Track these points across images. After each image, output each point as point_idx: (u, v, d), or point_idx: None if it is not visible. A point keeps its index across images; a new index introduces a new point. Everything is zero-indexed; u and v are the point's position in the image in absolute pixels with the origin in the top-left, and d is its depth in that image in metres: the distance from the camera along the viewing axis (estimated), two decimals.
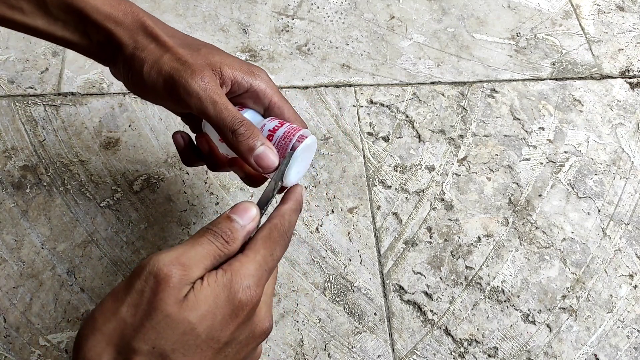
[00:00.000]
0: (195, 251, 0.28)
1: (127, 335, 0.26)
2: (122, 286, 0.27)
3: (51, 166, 0.51)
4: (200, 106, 0.33)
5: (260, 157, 0.34)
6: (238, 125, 0.33)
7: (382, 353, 0.44)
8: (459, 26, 0.63)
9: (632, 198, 0.52)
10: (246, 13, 0.62)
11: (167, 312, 0.26)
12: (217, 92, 0.34)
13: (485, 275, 0.48)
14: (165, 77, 0.34)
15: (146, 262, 0.27)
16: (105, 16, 0.34)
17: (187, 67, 0.33)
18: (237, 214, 0.31)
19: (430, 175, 0.52)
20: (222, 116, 0.33)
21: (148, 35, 0.34)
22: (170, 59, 0.34)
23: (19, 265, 0.46)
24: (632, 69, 0.61)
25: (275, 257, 0.31)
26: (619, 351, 0.45)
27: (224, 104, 0.33)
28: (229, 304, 0.27)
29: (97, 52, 0.36)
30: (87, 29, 0.35)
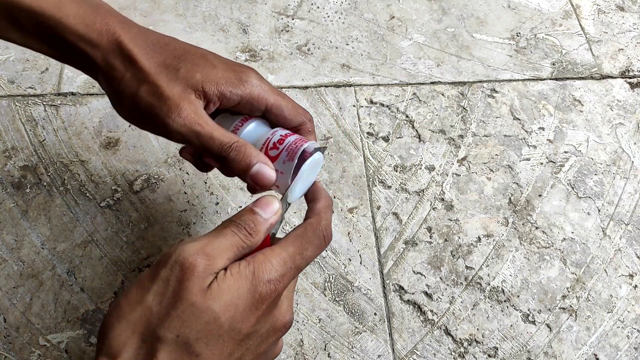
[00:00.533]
0: (220, 242, 0.28)
1: (152, 323, 0.26)
2: (148, 274, 0.27)
3: (51, 166, 0.51)
4: (184, 139, 0.32)
5: (256, 176, 0.33)
6: (226, 152, 0.32)
7: (382, 353, 0.44)
8: (459, 26, 0.63)
9: (632, 198, 0.52)
10: (246, 13, 0.62)
11: (191, 300, 0.26)
12: (198, 122, 0.32)
13: (485, 275, 0.48)
14: (144, 113, 0.32)
15: (172, 251, 0.27)
16: (78, 37, 0.32)
17: (163, 103, 0.32)
18: (260, 207, 0.31)
19: (430, 175, 0.52)
20: (208, 146, 0.32)
21: (125, 59, 0.32)
22: (146, 93, 0.32)
23: (19, 265, 0.46)
24: (632, 69, 0.61)
25: (306, 256, 0.31)
26: (619, 351, 0.45)
27: (207, 133, 0.32)
28: (250, 295, 0.28)
29: (78, 67, 0.35)
30: (60, 48, 0.34)
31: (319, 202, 0.34)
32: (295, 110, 0.36)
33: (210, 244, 0.28)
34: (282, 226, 0.34)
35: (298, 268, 0.30)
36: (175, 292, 0.26)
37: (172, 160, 0.52)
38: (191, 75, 0.33)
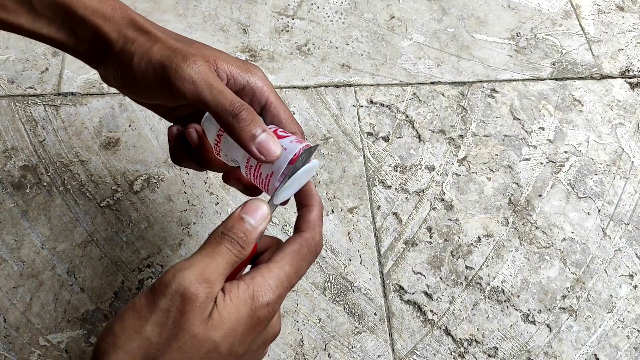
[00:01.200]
0: (217, 263, 0.28)
1: (151, 354, 0.25)
2: (145, 303, 0.26)
3: (51, 166, 0.51)
4: (195, 91, 0.31)
5: (263, 144, 0.31)
6: (239, 109, 0.31)
7: (382, 353, 0.44)
8: (459, 26, 0.63)
9: (632, 198, 0.52)
10: (246, 13, 0.62)
11: (193, 332, 0.26)
12: (212, 76, 0.31)
13: (485, 275, 0.48)
14: (155, 66, 0.31)
15: (170, 278, 0.26)
16: (92, 11, 0.32)
17: (179, 53, 0.31)
18: (249, 214, 0.30)
19: (430, 175, 0.52)
20: (220, 99, 0.31)
21: (137, 29, 0.33)
22: (160, 48, 0.32)
23: (19, 265, 0.46)
24: (632, 69, 0.61)
25: (301, 274, 0.30)
26: (619, 351, 0.45)
27: (221, 87, 0.31)
28: (249, 320, 0.28)
29: (84, 50, 0.34)
30: (73, 25, 0.33)
31: (313, 211, 0.33)
32: (290, 117, 0.35)
33: (208, 268, 0.27)
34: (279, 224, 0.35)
35: (292, 285, 0.30)
36: (176, 324, 0.26)
37: None
38: (205, 49, 0.33)
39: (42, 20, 0.33)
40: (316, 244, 0.31)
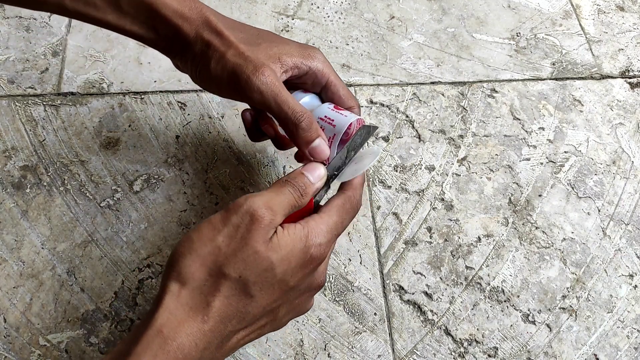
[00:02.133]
0: (280, 199, 0.32)
1: (219, 260, 0.30)
2: (219, 218, 0.31)
3: (51, 166, 0.51)
4: (262, 100, 0.36)
5: (316, 150, 0.37)
6: (300, 120, 0.36)
7: (382, 353, 0.44)
8: (459, 26, 0.63)
9: (632, 198, 0.52)
10: (246, 13, 0.62)
11: (255, 248, 0.30)
12: (278, 86, 0.36)
13: (485, 275, 0.48)
14: (229, 73, 0.36)
15: (242, 201, 0.31)
16: (173, 11, 0.36)
17: (249, 63, 0.36)
18: (309, 171, 0.35)
19: (430, 175, 0.52)
20: (283, 109, 0.36)
21: (212, 31, 0.37)
22: (233, 55, 0.36)
23: (19, 265, 0.46)
24: (632, 69, 0.61)
25: (344, 225, 0.35)
26: (619, 351, 0.45)
27: (284, 97, 0.36)
28: (302, 254, 0.32)
29: (164, 45, 0.39)
30: (155, 23, 0.37)
31: (356, 177, 0.37)
32: (348, 93, 0.41)
33: (273, 200, 0.32)
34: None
35: (338, 235, 0.35)
36: (243, 238, 0.30)
37: (172, 160, 0.52)
38: (270, 48, 0.37)
39: (126, 18, 0.37)
40: (357, 202, 0.36)
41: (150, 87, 0.56)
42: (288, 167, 0.52)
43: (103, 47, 0.58)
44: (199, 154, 0.52)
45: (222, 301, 0.30)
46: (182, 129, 0.54)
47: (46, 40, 0.58)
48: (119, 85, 0.56)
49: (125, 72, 0.57)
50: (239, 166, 0.52)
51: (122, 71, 0.57)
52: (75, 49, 0.58)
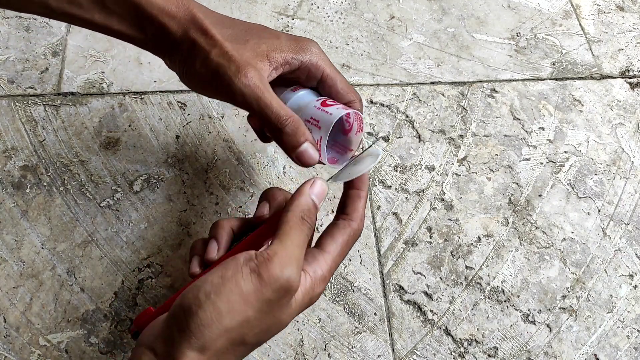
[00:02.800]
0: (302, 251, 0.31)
1: (244, 333, 0.29)
2: (252, 290, 0.29)
3: (51, 166, 0.51)
4: (244, 103, 0.35)
5: (303, 155, 0.36)
6: (284, 125, 0.35)
7: (382, 353, 0.44)
8: (459, 26, 0.63)
9: (632, 198, 0.52)
10: (246, 13, 0.62)
11: (280, 318, 0.30)
12: (261, 88, 0.35)
13: (485, 275, 0.48)
14: (212, 73, 0.35)
15: (278, 273, 0.29)
16: (159, 10, 0.35)
17: (232, 63, 0.34)
18: (317, 197, 0.34)
19: (430, 175, 0.52)
20: (266, 113, 0.35)
21: (198, 29, 0.35)
22: (217, 55, 0.35)
23: (19, 265, 0.46)
24: (632, 69, 0.61)
25: (344, 258, 0.35)
26: (619, 351, 0.45)
27: (267, 100, 0.35)
28: (306, 304, 0.32)
29: (152, 45, 0.37)
30: (142, 22, 0.36)
31: (362, 198, 0.36)
32: (347, 86, 0.39)
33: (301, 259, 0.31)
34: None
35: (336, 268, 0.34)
36: (273, 314, 0.30)
37: (172, 160, 0.52)
38: (258, 45, 0.36)
39: (113, 17, 0.36)
40: (360, 233, 0.36)
41: (150, 87, 0.56)
42: (288, 167, 0.52)
43: (103, 47, 0.58)
44: (199, 154, 0.52)
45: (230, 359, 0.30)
46: (182, 129, 0.54)
47: (46, 40, 0.58)
48: (119, 85, 0.56)
49: (125, 72, 0.57)
50: (239, 166, 0.52)
51: (122, 71, 0.57)
52: (75, 49, 0.58)
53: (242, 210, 0.49)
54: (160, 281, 0.46)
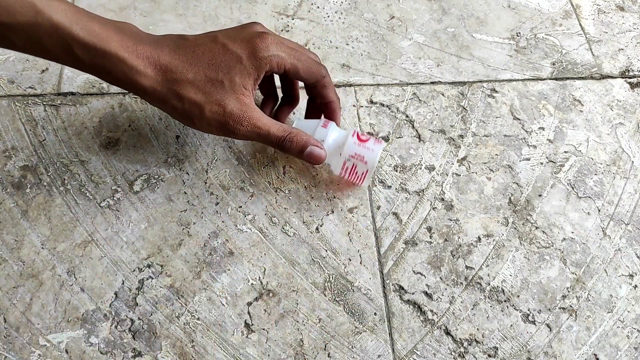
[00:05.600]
0: None
1: None
2: None
3: (51, 166, 0.51)
4: (250, 139, 0.43)
5: (310, 157, 0.44)
6: (282, 144, 0.43)
7: (382, 353, 0.44)
8: (459, 26, 0.63)
9: (632, 198, 0.52)
10: (246, 13, 0.62)
11: None
12: (258, 125, 0.42)
13: (485, 275, 0.48)
14: (216, 127, 0.42)
15: None
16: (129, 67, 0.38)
17: (229, 118, 0.41)
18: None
19: (430, 175, 0.52)
20: (269, 140, 0.43)
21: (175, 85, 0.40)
22: (211, 113, 0.40)
23: (19, 265, 0.46)
24: (632, 69, 0.61)
25: None
26: (619, 351, 0.45)
27: (265, 133, 0.42)
28: None
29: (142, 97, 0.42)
30: (112, 78, 0.40)
31: None
32: (309, 70, 0.44)
33: None
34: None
35: None
36: None
37: (172, 160, 0.52)
38: (233, 82, 0.41)
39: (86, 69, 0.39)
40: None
41: None
42: (288, 167, 0.52)
43: None
44: (199, 154, 0.52)
45: None
46: (182, 129, 0.54)
47: None
48: None
49: None
50: (239, 166, 0.52)
51: None
52: None
53: (242, 211, 0.49)
54: (160, 281, 0.46)
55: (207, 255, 0.47)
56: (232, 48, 0.41)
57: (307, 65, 0.44)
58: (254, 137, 0.42)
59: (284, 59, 0.42)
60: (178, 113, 0.41)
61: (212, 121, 0.41)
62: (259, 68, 0.41)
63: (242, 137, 0.42)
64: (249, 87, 0.41)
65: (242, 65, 0.40)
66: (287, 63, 0.42)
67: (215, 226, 0.48)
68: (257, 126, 0.42)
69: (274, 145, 0.43)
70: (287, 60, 0.42)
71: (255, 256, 0.47)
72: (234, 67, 0.40)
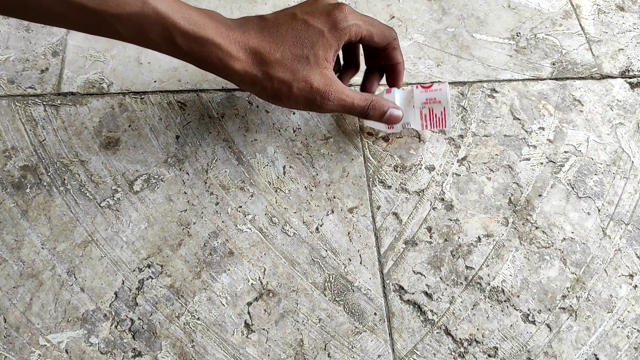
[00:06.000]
0: None
1: None
2: None
3: (51, 166, 0.51)
4: (335, 112, 0.47)
5: (390, 119, 0.48)
6: (366, 112, 0.46)
7: (382, 353, 0.44)
8: (459, 26, 0.63)
9: (632, 198, 0.52)
10: (246, 13, 0.62)
11: None
12: (342, 98, 0.44)
13: (485, 275, 0.48)
14: (303, 104, 0.44)
15: None
16: (224, 53, 0.40)
17: (316, 94, 0.43)
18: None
19: (430, 175, 0.52)
20: (353, 111, 0.46)
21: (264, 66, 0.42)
22: (299, 90, 0.42)
23: (19, 265, 0.46)
24: (632, 69, 0.61)
25: None
26: (619, 351, 0.45)
27: (350, 104, 0.45)
28: None
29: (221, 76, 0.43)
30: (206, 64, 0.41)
31: None
32: (383, 35, 0.46)
33: None
34: None
35: None
36: None
37: (172, 160, 0.52)
38: (317, 56, 0.42)
39: (186, 58, 0.41)
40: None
41: (150, 87, 0.56)
42: (288, 167, 0.52)
43: (103, 47, 0.58)
44: (199, 154, 0.52)
45: None
46: (182, 129, 0.54)
47: (46, 40, 0.58)
48: (119, 85, 0.56)
49: (125, 72, 0.57)
50: (239, 166, 0.52)
51: (122, 71, 0.57)
52: (75, 49, 0.58)
53: (242, 211, 0.49)
54: (160, 281, 0.46)
55: (207, 255, 0.47)
56: (313, 23, 0.42)
57: (381, 29, 0.46)
58: (339, 109, 0.45)
59: (361, 27, 0.44)
60: (267, 93, 0.43)
61: (300, 98, 0.43)
62: (340, 39, 0.43)
63: (327, 111, 0.45)
64: (330, 59, 0.43)
65: (324, 38, 0.42)
66: (364, 30, 0.44)
67: (215, 226, 0.48)
68: (342, 99, 0.44)
69: (357, 114, 0.46)
70: (363, 28, 0.44)
71: (255, 256, 0.47)
72: (317, 41, 0.42)
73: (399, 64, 0.50)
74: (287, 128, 0.54)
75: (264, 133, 0.54)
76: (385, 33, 0.46)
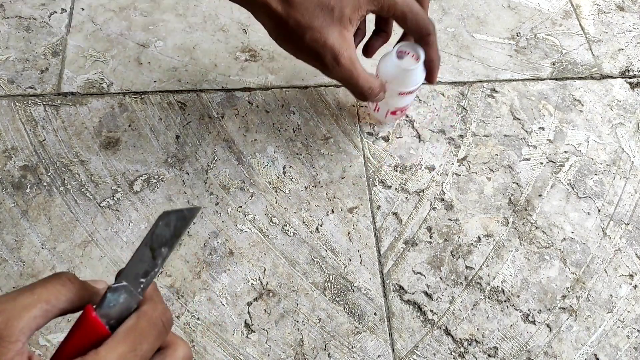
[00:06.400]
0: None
1: None
2: None
3: (51, 166, 0.51)
4: (341, 80, 0.42)
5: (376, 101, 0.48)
6: (369, 93, 0.44)
7: (382, 353, 0.44)
8: (459, 26, 0.63)
9: (632, 198, 0.52)
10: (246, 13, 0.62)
11: None
12: (352, 67, 0.41)
13: (485, 275, 0.48)
14: (312, 56, 0.41)
15: None
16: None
17: (328, 51, 0.40)
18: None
19: (430, 175, 0.52)
20: (358, 87, 0.43)
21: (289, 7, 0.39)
22: (311, 40, 0.39)
23: (19, 265, 0.46)
24: (632, 69, 0.61)
25: (143, 351, 0.26)
26: (619, 351, 0.45)
27: (355, 76, 0.42)
28: None
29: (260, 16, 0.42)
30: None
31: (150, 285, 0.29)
32: (416, 24, 0.42)
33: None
34: None
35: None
36: None
37: (172, 160, 0.52)
38: (342, 12, 0.40)
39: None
40: (157, 316, 0.27)
41: (150, 87, 0.56)
42: (288, 167, 0.52)
43: (103, 47, 0.58)
44: (199, 154, 0.52)
45: None
46: (182, 129, 0.54)
47: (46, 40, 0.58)
48: (119, 85, 0.56)
49: (125, 72, 0.57)
50: (239, 166, 0.52)
51: (122, 71, 0.57)
52: (75, 49, 0.58)
53: (242, 211, 0.49)
54: (161, 281, 0.46)
55: (207, 255, 0.47)
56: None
57: (416, 17, 0.42)
58: (342, 78, 0.42)
59: (397, 5, 0.41)
60: (279, 32, 0.40)
61: (310, 50, 0.40)
62: (369, 4, 0.40)
63: (331, 74, 0.42)
64: (354, 21, 0.40)
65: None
66: (398, 10, 0.41)
67: (215, 226, 0.48)
68: (351, 70, 0.41)
69: (353, 91, 0.43)
70: (398, 7, 0.41)
71: (255, 256, 0.47)
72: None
73: (431, 62, 0.46)
74: (287, 128, 0.54)
75: (264, 133, 0.54)
76: (419, 24, 0.42)
